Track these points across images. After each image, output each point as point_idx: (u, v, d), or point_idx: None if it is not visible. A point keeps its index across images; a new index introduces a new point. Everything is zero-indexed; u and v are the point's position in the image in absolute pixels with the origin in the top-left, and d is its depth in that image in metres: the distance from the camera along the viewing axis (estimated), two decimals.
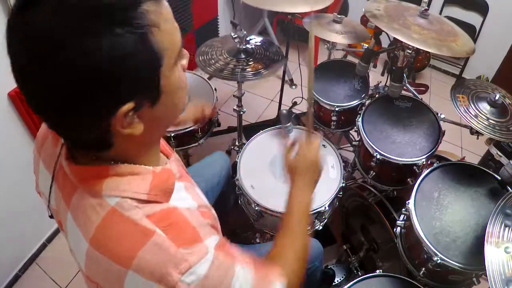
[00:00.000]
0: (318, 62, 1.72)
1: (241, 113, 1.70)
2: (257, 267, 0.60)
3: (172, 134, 1.43)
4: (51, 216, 0.66)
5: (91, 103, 0.43)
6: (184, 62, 0.54)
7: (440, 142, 1.30)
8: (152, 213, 0.51)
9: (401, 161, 1.26)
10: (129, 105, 0.45)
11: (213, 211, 0.66)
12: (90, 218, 0.51)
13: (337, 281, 1.57)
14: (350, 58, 1.72)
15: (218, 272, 0.52)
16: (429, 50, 1.11)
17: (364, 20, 2.71)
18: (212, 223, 0.61)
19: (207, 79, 1.67)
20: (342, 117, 1.57)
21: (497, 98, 1.18)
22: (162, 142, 0.67)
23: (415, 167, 1.27)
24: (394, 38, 1.15)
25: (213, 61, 1.45)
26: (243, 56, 1.47)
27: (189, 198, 0.60)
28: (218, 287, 0.52)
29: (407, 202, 1.08)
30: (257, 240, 1.51)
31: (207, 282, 0.50)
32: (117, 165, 0.53)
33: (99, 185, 0.51)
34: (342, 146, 2.01)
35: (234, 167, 1.35)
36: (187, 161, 1.80)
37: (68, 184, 0.55)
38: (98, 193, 0.51)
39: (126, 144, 0.52)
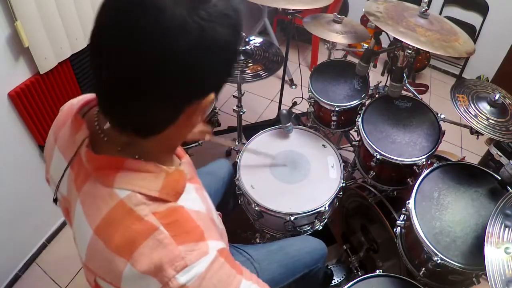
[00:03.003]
0: (318, 62, 1.72)
1: (241, 113, 1.70)
2: None
3: None
4: (55, 200, 0.66)
5: (194, 84, 0.48)
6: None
7: (440, 142, 1.29)
8: (158, 211, 0.51)
9: (401, 161, 1.26)
10: (212, 95, 0.51)
11: (221, 223, 0.66)
12: (98, 207, 0.52)
13: (337, 281, 1.58)
14: (350, 58, 1.72)
15: (219, 276, 0.51)
16: (437, 53, 1.11)
17: (364, 20, 2.71)
18: (220, 232, 0.61)
19: None
20: (342, 117, 1.57)
21: (497, 98, 1.18)
22: None
23: (415, 167, 1.27)
24: (394, 38, 1.15)
25: None
26: (242, 57, 1.47)
27: (199, 201, 0.60)
28: None
29: (407, 202, 1.08)
30: (257, 240, 1.51)
31: (205, 284, 0.50)
32: (134, 160, 0.54)
33: (112, 176, 0.52)
34: (342, 146, 2.01)
35: (234, 167, 1.35)
36: None
37: (82, 172, 0.56)
38: (110, 183, 0.52)
39: (161, 138, 0.54)
